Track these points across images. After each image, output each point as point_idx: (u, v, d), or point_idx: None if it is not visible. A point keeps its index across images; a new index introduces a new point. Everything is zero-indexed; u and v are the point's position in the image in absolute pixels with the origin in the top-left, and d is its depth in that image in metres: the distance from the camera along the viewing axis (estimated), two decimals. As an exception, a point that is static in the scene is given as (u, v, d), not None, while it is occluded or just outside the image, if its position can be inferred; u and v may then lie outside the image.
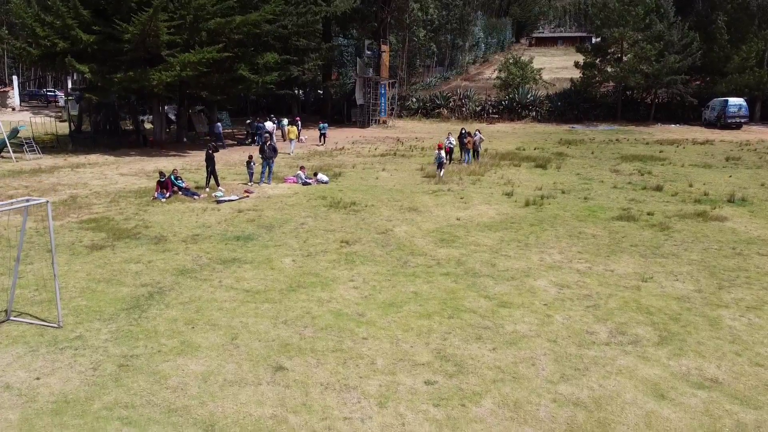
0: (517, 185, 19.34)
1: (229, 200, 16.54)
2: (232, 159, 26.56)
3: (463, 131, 25.65)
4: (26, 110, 51.03)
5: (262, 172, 19.14)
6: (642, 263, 11.07)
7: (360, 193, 17.70)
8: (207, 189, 17.87)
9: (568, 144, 33.11)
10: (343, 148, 30.99)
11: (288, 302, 8.88)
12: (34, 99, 64.89)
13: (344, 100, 46.19)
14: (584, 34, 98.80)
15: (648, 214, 15.10)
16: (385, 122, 43.97)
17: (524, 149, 30.32)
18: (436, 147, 22.77)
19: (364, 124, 42.82)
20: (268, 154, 18.88)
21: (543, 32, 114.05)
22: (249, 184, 18.65)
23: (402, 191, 18.23)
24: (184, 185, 17.47)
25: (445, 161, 21.98)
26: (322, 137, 31.92)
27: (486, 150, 28.08)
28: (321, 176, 19.62)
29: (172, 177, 17.28)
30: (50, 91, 64.55)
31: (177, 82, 26.85)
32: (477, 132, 25.72)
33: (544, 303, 8.94)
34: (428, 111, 48.62)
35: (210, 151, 17.79)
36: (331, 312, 8.51)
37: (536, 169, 23.61)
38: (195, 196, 16.92)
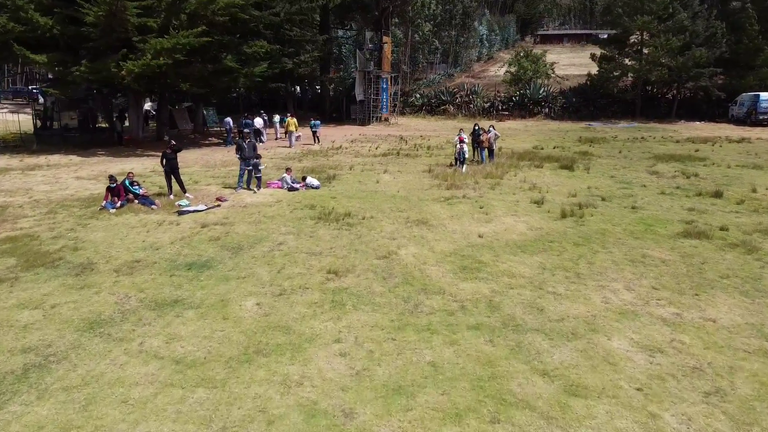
0: (545, 190, 16.15)
1: (195, 211, 13.36)
2: (213, 159, 23.40)
3: (477, 128, 22.50)
4: (5, 108, 47.99)
5: (240, 175, 15.94)
6: (748, 306, 7.85)
7: (357, 201, 14.51)
8: (171, 196, 14.69)
9: (590, 142, 29.88)
10: (340, 147, 27.82)
11: (236, 386, 5.68)
12: (18, 96, 61.95)
13: (343, 96, 43.00)
14: (591, 31, 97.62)
15: (721, 229, 11.86)
16: (386, 119, 40.81)
17: (542, 148, 27.12)
18: (458, 141, 19.96)
19: (364, 122, 39.66)
20: (247, 153, 15.68)
21: (547, 30, 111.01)
22: (254, 189, 15.68)
23: (407, 198, 15.04)
24: (141, 192, 14.28)
25: (468, 156, 19.59)
26: (315, 136, 28.75)
27: (500, 149, 24.92)
28: (311, 180, 16.44)
29: (126, 182, 14.10)
30: (35, 88, 61.53)
31: (152, 73, 23.69)
32: (491, 128, 22.49)
33: (637, 387, 5.73)
34: (433, 108, 45.43)
35: (168, 152, 14.56)
36: (300, 407, 5.31)
37: (562, 170, 20.40)
38: (153, 206, 13.73)
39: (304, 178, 16.57)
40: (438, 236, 11.36)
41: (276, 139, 30.63)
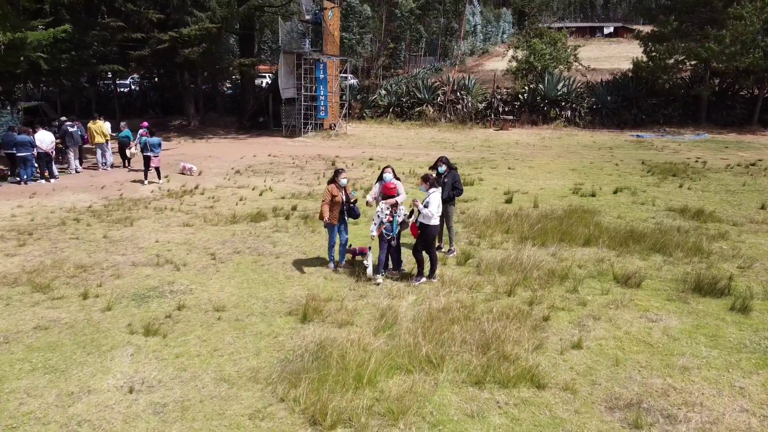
0: None
1: None
2: None
3: (443, 167, 8.73)
4: None
5: None
6: None
7: None
8: None
9: (671, 175, 16.23)
10: (195, 188, 14.08)
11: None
12: None
13: (268, 92, 28.93)
14: (595, 24, 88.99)
15: None
16: (331, 128, 26.99)
17: (593, 193, 13.45)
18: (381, 191, 7.01)
19: (294, 132, 25.89)
20: None
21: (544, 24, 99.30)
22: None
23: None
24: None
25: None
26: (147, 167, 14.87)
27: (511, 195, 11.21)
28: None
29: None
30: None
31: None
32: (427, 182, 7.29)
33: None
34: (404, 110, 31.58)
35: None
36: None
37: (701, 300, 6.74)
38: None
39: None
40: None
41: (105, 165, 16.80)
